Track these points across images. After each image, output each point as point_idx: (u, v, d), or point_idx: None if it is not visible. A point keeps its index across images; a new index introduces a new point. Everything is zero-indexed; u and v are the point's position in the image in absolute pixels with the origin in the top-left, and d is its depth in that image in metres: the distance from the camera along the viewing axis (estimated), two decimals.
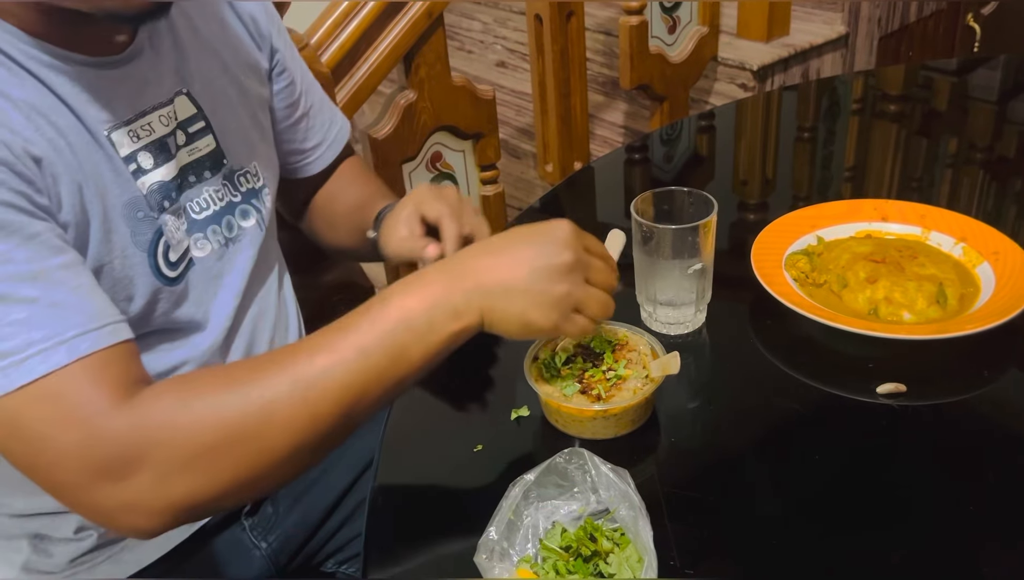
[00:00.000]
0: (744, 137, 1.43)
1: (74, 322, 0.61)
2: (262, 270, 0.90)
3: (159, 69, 0.78)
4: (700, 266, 0.85)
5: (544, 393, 0.75)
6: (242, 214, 0.86)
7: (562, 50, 1.67)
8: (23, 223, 0.62)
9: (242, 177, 0.86)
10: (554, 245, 0.68)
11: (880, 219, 0.98)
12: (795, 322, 0.84)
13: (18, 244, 0.61)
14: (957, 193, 1.20)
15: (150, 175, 0.76)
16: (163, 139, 0.78)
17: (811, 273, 0.91)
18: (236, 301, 0.85)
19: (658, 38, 1.91)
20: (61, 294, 0.62)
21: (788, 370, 0.83)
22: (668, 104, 1.98)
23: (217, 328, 0.83)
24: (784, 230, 0.97)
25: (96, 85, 0.72)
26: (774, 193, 1.25)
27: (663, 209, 0.89)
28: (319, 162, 1.02)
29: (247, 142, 0.87)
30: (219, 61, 0.85)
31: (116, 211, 0.73)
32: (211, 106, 0.83)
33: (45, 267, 0.62)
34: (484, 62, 2.66)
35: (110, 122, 0.73)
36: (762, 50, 2.04)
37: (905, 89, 1.54)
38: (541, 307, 0.67)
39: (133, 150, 0.75)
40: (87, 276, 0.65)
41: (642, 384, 0.76)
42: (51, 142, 0.68)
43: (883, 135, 1.39)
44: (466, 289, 0.67)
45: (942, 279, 0.86)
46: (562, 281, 0.68)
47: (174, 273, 0.78)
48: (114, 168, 0.73)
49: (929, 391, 0.78)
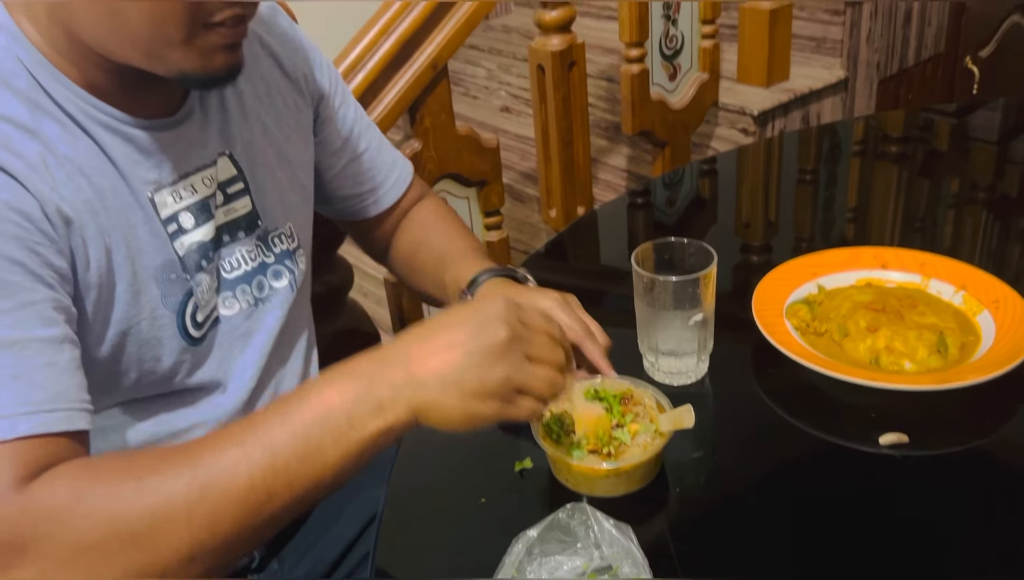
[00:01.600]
0: (746, 181, 1.45)
1: (28, 399, 0.60)
2: (291, 332, 0.90)
3: (206, 131, 0.80)
4: (701, 317, 0.85)
5: (552, 452, 0.74)
6: (274, 275, 0.86)
7: (564, 98, 1.69)
8: (25, 287, 0.62)
9: (276, 238, 0.87)
10: (487, 324, 0.63)
11: (880, 267, 0.99)
12: (797, 371, 0.85)
13: (10, 308, 0.61)
14: (960, 233, 1.21)
15: (190, 235, 0.77)
16: (205, 200, 0.79)
17: (812, 322, 0.91)
18: (262, 362, 0.84)
19: (659, 85, 1.94)
20: (29, 368, 0.60)
21: (791, 419, 0.84)
22: (670, 149, 2.01)
23: (239, 389, 0.83)
24: (784, 278, 0.98)
25: (147, 146, 0.74)
26: (777, 235, 1.27)
27: (664, 259, 0.90)
28: (378, 204, 1.02)
29: (283, 204, 0.88)
30: (260, 124, 0.86)
31: (148, 273, 0.74)
32: (250, 168, 0.84)
33: (26, 337, 0.61)
34: (489, 107, 2.70)
35: (155, 183, 0.74)
36: (762, 95, 2.06)
37: (906, 131, 1.56)
38: (479, 396, 0.62)
39: (175, 211, 0.76)
40: (66, 354, 0.64)
41: (651, 439, 0.75)
42: (88, 203, 0.69)
43: (885, 176, 1.41)
44: (393, 382, 0.61)
45: (943, 328, 0.87)
46: (499, 363, 0.62)
47: (199, 333, 0.79)
48: (152, 230, 0.74)
49: (931, 441, 0.78)
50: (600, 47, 2.42)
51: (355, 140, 0.99)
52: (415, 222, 1.06)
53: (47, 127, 0.68)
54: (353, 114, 0.99)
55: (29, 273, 0.63)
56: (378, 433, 0.61)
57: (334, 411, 0.61)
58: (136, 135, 0.73)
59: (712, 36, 1.99)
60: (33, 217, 0.64)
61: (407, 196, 1.05)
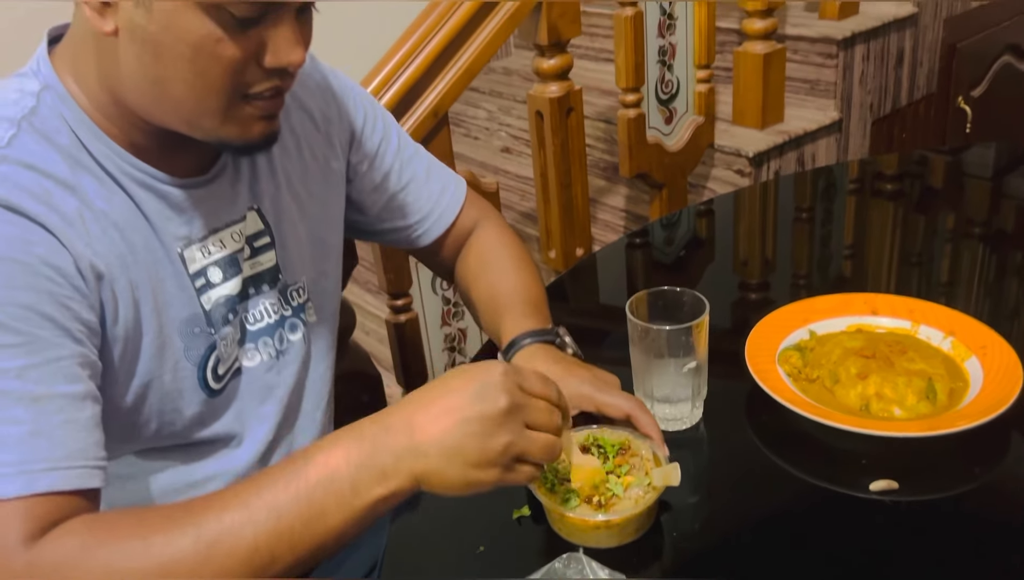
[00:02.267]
0: (743, 221, 1.48)
1: (47, 455, 0.61)
2: (308, 386, 0.91)
3: (236, 187, 0.82)
4: (695, 364, 0.87)
5: (547, 502, 0.75)
6: (291, 328, 0.88)
7: (562, 143, 1.73)
8: (53, 342, 0.64)
9: (294, 292, 0.89)
10: (487, 391, 0.63)
11: (870, 313, 1.01)
12: (790, 417, 0.86)
13: (37, 363, 0.63)
14: (957, 268, 1.23)
15: (218, 289, 0.79)
16: (233, 254, 0.81)
17: (804, 369, 0.93)
18: (279, 416, 0.86)
19: (655, 128, 1.98)
20: (50, 424, 0.62)
21: (785, 465, 0.85)
22: (667, 190, 2.04)
23: (255, 442, 0.84)
24: (777, 324, 1.00)
25: (179, 203, 0.76)
26: (774, 273, 1.29)
27: (658, 306, 0.92)
28: (428, 234, 1.03)
29: (301, 258, 0.89)
30: (286, 178, 0.88)
31: (173, 326, 0.76)
32: (276, 222, 0.86)
33: (50, 393, 0.63)
34: (489, 148, 2.74)
35: (185, 239, 0.77)
36: (757, 137, 2.10)
37: (900, 168, 1.60)
38: (479, 465, 0.63)
39: (203, 266, 0.78)
40: (87, 411, 0.65)
41: (644, 492, 0.76)
42: (120, 258, 0.71)
43: (880, 213, 1.44)
44: (396, 449, 0.62)
45: (931, 374, 0.89)
46: (499, 432, 0.63)
47: (219, 385, 0.81)
48: (180, 285, 0.76)
49: (921, 487, 0.80)
50: (598, 89, 2.46)
51: (396, 174, 0.99)
52: (471, 254, 1.05)
53: (86, 183, 0.71)
54: (395, 147, 1.00)
55: (59, 328, 0.65)
56: (380, 499, 0.63)
57: (338, 476, 0.62)
58: (170, 192, 0.76)
59: (707, 80, 2.03)
60: (67, 272, 0.66)
61: (460, 222, 1.04)
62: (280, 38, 0.69)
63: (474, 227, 1.07)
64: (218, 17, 0.65)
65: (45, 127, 0.70)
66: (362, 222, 1.02)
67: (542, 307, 0.98)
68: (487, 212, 1.09)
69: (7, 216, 0.65)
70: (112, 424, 0.70)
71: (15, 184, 0.66)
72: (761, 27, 2.02)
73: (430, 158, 1.04)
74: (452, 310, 1.78)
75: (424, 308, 1.72)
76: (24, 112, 0.70)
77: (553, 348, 0.92)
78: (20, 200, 0.66)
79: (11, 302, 0.63)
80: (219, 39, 0.66)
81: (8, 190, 0.66)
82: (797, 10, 2.41)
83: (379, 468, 0.62)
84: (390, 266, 1.59)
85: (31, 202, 0.66)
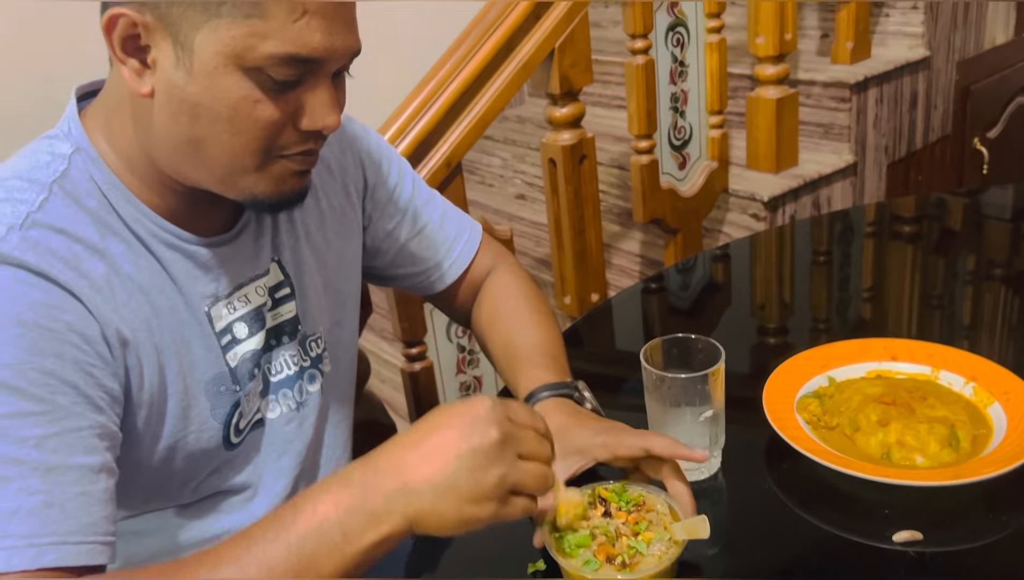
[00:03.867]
0: (760, 265, 1.47)
1: (56, 528, 0.61)
2: (326, 438, 0.91)
3: (260, 241, 0.83)
4: (711, 413, 0.86)
5: (568, 565, 0.72)
6: (310, 379, 0.88)
7: (576, 190, 1.73)
8: (73, 412, 0.64)
9: (312, 342, 0.89)
10: (477, 425, 0.63)
11: (890, 358, 1.00)
12: (810, 466, 0.85)
13: (55, 433, 0.62)
14: (979, 311, 1.21)
15: (243, 345, 0.79)
16: (258, 309, 0.81)
17: (823, 416, 0.92)
18: (296, 469, 0.85)
19: (669, 174, 1.98)
20: (63, 496, 0.62)
21: (805, 515, 0.83)
22: (682, 235, 2.04)
23: (271, 495, 0.84)
24: (795, 371, 0.98)
25: (206, 261, 0.77)
26: (792, 317, 1.28)
27: (672, 354, 0.91)
28: (443, 280, 1.03)
29: (319, 308, 0.90)
30: (304, 229, 0.89)
31: (199, 387, 0.76)
32: (296, 273, 0.87)
33: (65, 463, 0.63)
34: (504, 195, 2.76)
35: (212, 297, 0.77)
36: (772, 181, 2.10)
37: (918, 211, 1.59)
38: (474, 500, 0.61)
39: (229, 322, 0.78)
40: (101, 484, 0.65)
41: (666, 547, 0.74)
42: (146, 322, 0.71)
43: (899, 256, 1.43)
44: (387, 492, 0.62)
45: (953, 421, 0.87)
46: (492, 465, 0.62)
47: (238, 439, 0.80)
48: (206, 345, 0.76)
49: (945, 538, 0.78)
50: (611, 135, 2.48)
51: (411, 220, 1.00)
52: (486, 300, 1.05)
53: (113, 246, 0.71)
54: (410, 193, 1.00)
55: (81, 396, 0.65)
56: (373, 545, 0.61)
57: (328, 524, 0.61)
58: (197, 252, 0.76)
59: (720, 126, 2.04)
60: (93, 339, 0.66)
61: (475, 267, 1.04)
62: (316, 101, 0.70)
63: (489, 271, 1.07)
64: (258, 79, 0.67)
65: (76, 190, 0.71)
66: (377, 268, 1.02)
67: (560, 359, 0.97)
68: (503, 256, 1.09)
69: (37, 282, 0.65)
70: (136, 484, 0.70)
71: (46, 249, 0.67)
72: (773, 73, 2.03)
73: (445, 203, 1.05)
74: (467, 358, 1.77)
75: (439, 356, 1.71)
76: (55, 175, 0.71)
77: (571, 402, 0.91)
78: (50, 266, 0.66)
79: (36, 368, 0.63)
80: (257, 101, 0.67)
81: (39, 256, 0.66)
82: (809, 55, 2.43)
83: (370, 512, 0.61)
84: (405, 314, 1.59)
85: (61, 268, 0.67)
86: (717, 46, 1.95)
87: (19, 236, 0.66)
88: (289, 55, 0.66)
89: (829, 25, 2.41)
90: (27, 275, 0.65)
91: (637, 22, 1.77)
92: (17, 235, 0.66)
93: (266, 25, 0.65)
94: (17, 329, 0.63)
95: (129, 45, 0.67)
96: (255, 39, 0.65)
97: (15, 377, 0.62)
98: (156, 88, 0.68)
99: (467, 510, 0.62)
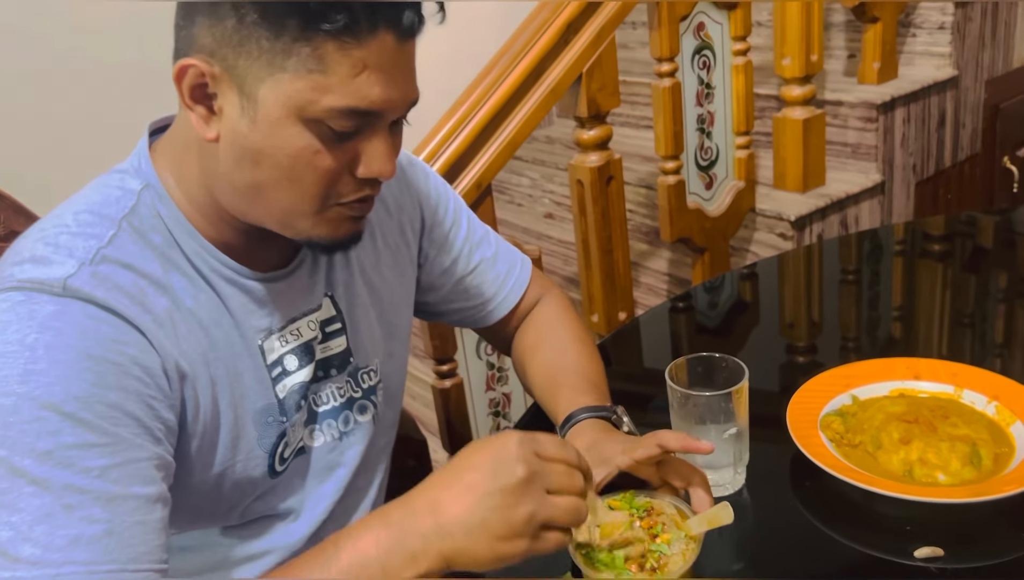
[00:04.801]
0: (787, 284, 1.49)
1: (116, 556, 0.63)
2: (369, 465, 0.93)
3: (314, 277, 0.86)
4: (736, 430, 0.88)
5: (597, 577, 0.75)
6: (360, 409, 0.90)
7: (603, 210, 1.76)
8: (134, 443, 0.66)
9: (365, 374, 0.91)
10: (503, 464, 0.64)
11: (913, 377, 1.01)
12: (833, 483, 0.87)
13: (117, 464, 0.65)
14: (1012, 328, 1.22)
15: (292, 377, 0.82)
16: (309, 342, 0.84)
17: (846, 434, 0.93)
18: (338, 495, 0.88)
19: (696, 194, 2.01)
20: (122, 525, 0.64)
21: (828, 531, 0.85)
22: (709, 254, 2.06)
23: (312, 519, 0.86)
24: (819, 390, 1.00)
25: (262, 296, 0.80)
26: (821, 335, 1.29)
27: (697, 372, 0.94)
28: (493, 315, 1.06)
29: (373, 341, 0.92)
30: (359, 265, 0.91)
31: (248, 416, 0.78)
32: (348, 309, 0.89)
33: (126, 494, 0.65)
34: (533, 214, 2.79)
35: (266, 331, 0.80)
36: (799, 201, 2.11)
37: (947, 229, 1.60)
38: (506, 538, 0.63)
39: (280, 355, 0.81)
40: (157, 513, 0.67)
41: (685, 545, 0.77)
42: (203, 355, 0.74)
43: (928, 275, 1.44)
44: (423, 532, 0.64)
45: (975, 439, 0.88)
46: (521, 502, 0.64)
47: (282, 467, 0.83)
48: (258, 377, 0.79)
49: (967, 554, 0.79)
50: (639, 156, 2.51)
51: (465, 258, 1.03)
52: (530, 328, 1.08)
53: (176, 281, 0.74)
54: (465, 232, 1.03)
55: (141, 427, 0.67)
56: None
57: (369, 561, 0.64)
58: (254, 287, 0.79)
59: (746, 146, 2.06)
60: (154, 373, 0.69)
61: (524, 301, 1.07)
62: (373, 150, 0.73)
63: (536, 303, 1.10)
64: (317, 130, 0.70)
65: (143, 226, 0.74)
66: (430, 304, 1.05)
67: (601, 386, 0.99)
68: (550, 289, 1.12)
69: (104, 316, 0.68)
70: (184, 507, 0.73)
71: (114, 284, 0.70)
72: (800, 94, 2.05)
73: (498, 239, 1.08)
74: (496, 375, 1.80)
75: (469, 373, 1.74)
76: (125, 211, 0.74)
77: (607, 423, 0.93)
78: (117, 302, 0.69)
79: (101, 401, 0.65)
80: (317, 151, 0.70)
81: (107, 291, 0.69)
82: (836, 75, 2.44)
83: (409, 552, 0.64)
84: (435, 333, 1.63)
85: (127, 303, 0.70)
86: (743, 68, 1.97)
87: (89, 271, 0.69)
88: (349, 108, 0.69)
89: (856, 46, 2.43)
90: (96, 310, 0.68)
91: (663, 46, 1.80)
92: (88, 270, 0.69)
93: (328, 80, 0.68)
94: (86, 363, 0.65)
95: (197, 93, 0.71)
96: (317, 93, 0.68)
97: (82, 409, 0.64)
98: (221, 134, 0.71)
99: (499, 548, 0.64)
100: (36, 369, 0.64)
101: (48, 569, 0.61)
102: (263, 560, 0.84)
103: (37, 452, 0.62)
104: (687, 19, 1.85)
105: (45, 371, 0.64)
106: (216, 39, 0.68)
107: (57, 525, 0.62)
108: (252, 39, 0.67)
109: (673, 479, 0.83)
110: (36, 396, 0.63)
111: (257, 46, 0.67)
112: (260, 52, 0.67)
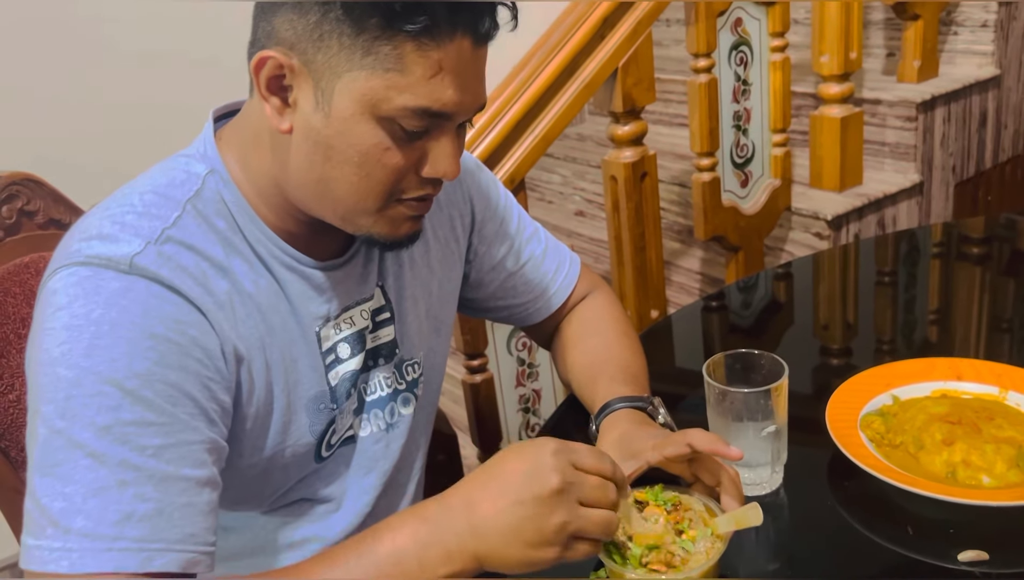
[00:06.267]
0: (823, 285, 1.46)
1: (166, 536, 0.64)
2: (410, 458, 0.94)
3: (368, 268, 0.86)
4: (774, 428, 0.87)
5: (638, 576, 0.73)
6: (404, 402, 0.91)
7: (636, 207, 1.75)
8: (189, 425, 0.67)
9: (410, 366, 0.92)
10: (538, 472, 0.65)
11: (955, 378, 0.99)
12: (873, 484, 0.85)
13: (171, 444, 0.66)
14: None
15: (344, 365, 0.83)
16: (361, 331, 0.85)
17: (887, 434, 0.92)
18: (380, 486, 0.88)
19: (731, 192, 1.99)
20: (171, 505, 0.65)
21: (868, 533, 0.83)
22: (743, 253, 2.04)
23: (354, 510, 0.87)
24: (859, 389, 0.98)
25: (320, 284, 0.81)
26: (856, 338, 1.27)
27: (735, 369, 0.92)
28: (540, 312, 1.06)
29: (420, 334, 0.93)
30: (409, 257, 0.92)
31: (300, 403, 0.79)
32: (397, 300, 0.90)
33: (176, 474, 0.66)
34: (563, 212, 2.78)
35: (323, 318, 0.81)
36: (836, 200, 2.09)
37: (987, 231, 1.56)
38: (537, 545, 0.64)
39: (334, 343, 0.82)
40: (206, 496, 0.68)
41: (711, 543, 0.76)
42: (260, 339, 0.75)
43: (966, 277, 1.41)
44: (458, 531, 0.65)
45: (1021, 442, 0.86)
46: (553, 512, 0.64)
47: (328, 453, 0.84)
48: (312, 364, 0.80)
49: (1013, 559, 0.77)
50: (673, 153, 2.49)
51: (515, 255, 1.03)
52: (574, 320, 1.07)
53: (236, 265, 0.75)
54: (515, 228, 1.03)
55: (198, 408, 0.68)
56: (446, 578, 0.65)
57: (406, 554, 0.65)
58: (313, 274, 0.80)
59: (783, 144, 2.04)
60: (213, 354, 0.70)
61: (572, 298, 1.07)
62: (440, 150, 0.74)
63: (582, 299, 1.09)
64: (389, 128, 0.71)
65: (206, 210, 0.75)
66: (478, 300, 1.05)
67: (640, 379, 0.99)
68: (599, 285, 1.11)
69: (168, 296, 0.69)
70: (230, 487, 0.73)
71: (177, 264, 0.71)
72: (837, 92, 2.02)
73: (547, 236, 1.08)
74: (526, 371, 1.79)
75: (499, 368, 1.74)
76: (189, 194, 0.75)
77: (643, 415, 0.92)
78: (181, 281, 0.70)
79: (161, 380, 0.66)
80: (387, 148, 0.71)
81: (171, 270, 0.70)
82: (875, 74, 2.41)
83: (444, 549, 0.65)
84: (466, 328, 1.62)
85: (191, 284, 0.71)
86: (781, 65, 1.95)
87: (155, 251, 0.70)
88: (422, 108, 0.70)
89: (895, 44, 2.39)
90: (160, 289, 0.69)
91: (700, 41, 1.78)
92: (153, 250, 0.70)
93: (404, 79, 0.68)
94: (149, 341, 0.66)
95: (273, 84, 0.72)
96: (392, 92, 0.69)
97: (142, 387, 0.65)
98: (295, 126, 0.72)
99: (531, 554, 0.65)
100: (100, 344, 0.65)
101: (100, 542, 0.62)
102: (303, 549, 0.85)
103: (96, 426, 0.63)
104: (724, 14, 1.83)
105: (109, 347, 0.65)
106: (297, 33, 0.69)
107: (110, 500, 0.63)
108: (333, 35, 0.68)
109: (704, 476, 0.82)
110: (99, 371, 0.64)
111: (337, 42, 0.68)
112: (340, 48, 0.68)
